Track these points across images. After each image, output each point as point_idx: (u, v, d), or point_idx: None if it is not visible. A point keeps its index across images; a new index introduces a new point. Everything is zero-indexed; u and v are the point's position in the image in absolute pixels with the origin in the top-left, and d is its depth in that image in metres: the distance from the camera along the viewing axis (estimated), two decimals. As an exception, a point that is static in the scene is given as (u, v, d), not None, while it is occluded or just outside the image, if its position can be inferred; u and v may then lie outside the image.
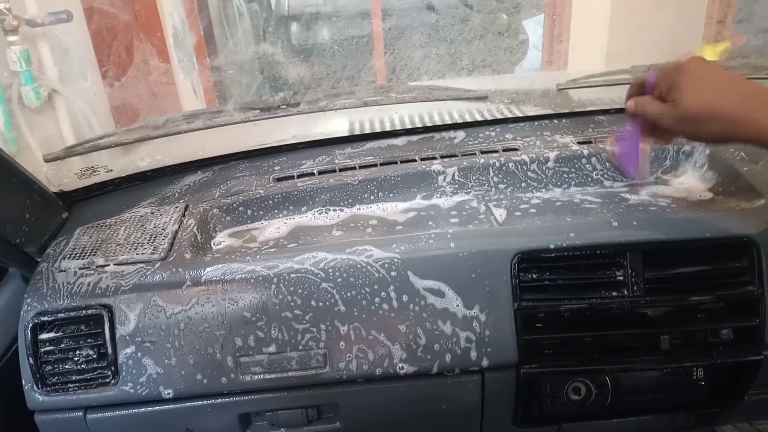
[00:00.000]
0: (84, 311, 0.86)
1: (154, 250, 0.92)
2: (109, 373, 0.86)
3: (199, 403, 0.88)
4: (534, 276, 0.88)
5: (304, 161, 1.13)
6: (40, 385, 0.87)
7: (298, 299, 0.86)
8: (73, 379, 0.87)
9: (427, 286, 0.87)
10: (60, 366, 0.87)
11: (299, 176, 1.08)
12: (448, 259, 0.87)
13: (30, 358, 0.86)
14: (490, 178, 1.05)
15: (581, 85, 1.26)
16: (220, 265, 0.87)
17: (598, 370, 0.90)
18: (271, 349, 0.86)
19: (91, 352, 0.86)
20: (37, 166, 1.04)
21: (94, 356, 0.86)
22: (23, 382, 0.87)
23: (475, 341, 0.87)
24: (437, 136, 1.18)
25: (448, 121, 1.20)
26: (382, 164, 1.08)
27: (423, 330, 0.86)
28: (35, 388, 0.87)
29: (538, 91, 1.28)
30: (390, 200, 1.05)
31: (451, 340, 0.86)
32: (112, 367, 0.86)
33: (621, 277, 0.88)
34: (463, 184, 1.05)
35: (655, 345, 0.89)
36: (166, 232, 0.96)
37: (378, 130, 1.20)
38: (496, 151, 1.09)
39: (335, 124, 1.22)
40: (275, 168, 1.13)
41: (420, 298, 0.86)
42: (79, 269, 0.90)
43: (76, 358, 0.86)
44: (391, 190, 1.05)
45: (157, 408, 0.88)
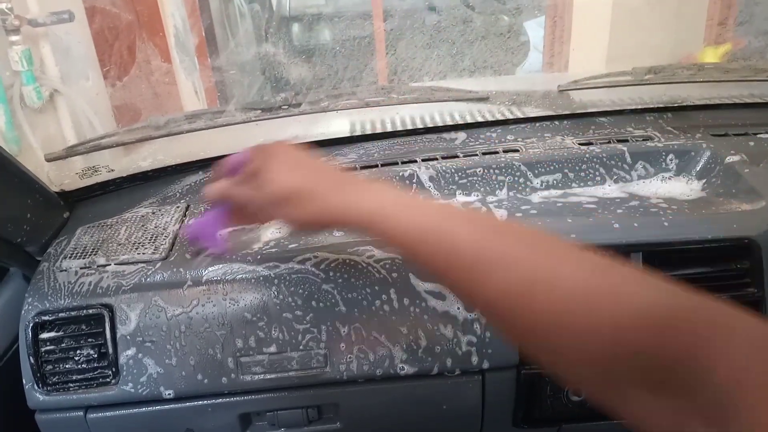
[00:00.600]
0: (85, 311, 0.86)
1: (155, 250, 0.92)
2: (110, 372, 0.86)
3: (200, 403, 0.88)
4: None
5: (305, 162, 1.13)
6: (40, 385, 0.87)
7: (299, 299, 0.86)
8: (74, 378, 0.87)
9: (428, 288, 0.87)
10: (61, 365, 0.87)
11: (300, 177, 1.08)
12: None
13: (31, 358, 0.86)
14: (491, 179, 1.05)
15: (582, 87, 1.26)
16: (221, 265, 0.87)
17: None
18: (272, 349, 0.86)
19: (91, 352, 0.86)
20: (38, 166, 1.04)
21: (95, 356, 0.86)
22: (24, 381, 0.87)
23: (476, 343, 0.87)
24: (438, 136, 1.18)
25: (450, 122, 1.20)
26: (383, 165, 1.08)
27: (424, 331, 0.86)
28: (36, 388, 0.87)
29: (540, 92, 1.28)
30: (391, 201, 1.05)
31: (452, 342, 0.86)
32: (113, 367, 0.86)
33: (622, 279, 0.88)
34: (463, 185, 1.05)
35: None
36: (168, 232, 0.96)
37: (379, 130, 1.20)
38: (497, 152, 1.09)
39: (336, 125, 1.23)
40: (276, 168, 1.12)
41: (421, 300, 0.86)
42: (80, 269, 0.90)
43: (76, 358, 0.86)
44: (392, 190, 1.05)
45: (158, 408, 0.88)
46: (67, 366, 0.87)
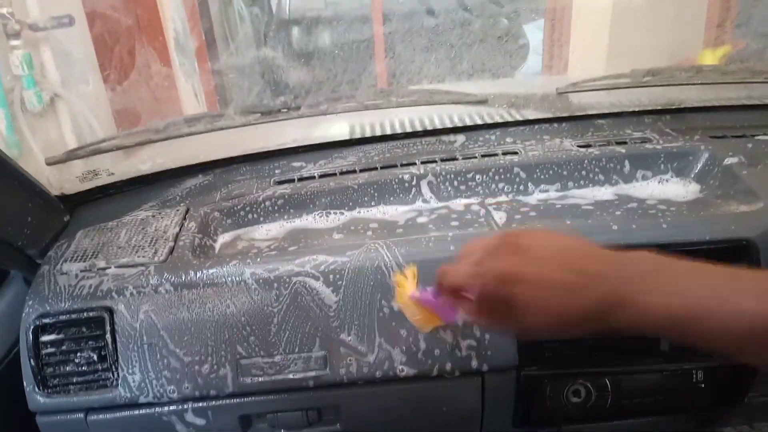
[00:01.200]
0: (85, 313, 0.87)
1: (155, 253, 0.92)
2: (111, 375, 0.86)
3: (200, 405, 0.88)
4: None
5: (304, 164, 1.14)
6: (41, 387, 0.87)
7: (299, 302, 0.86)
8: (75, 380, 0.87)
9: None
10: (61, 368, 0.87)
11: (300, 179, 1.08)
12: (448, 261, 0.87)
13: (31, 360, 0.86)
14: (490, 182, 1.05)
15: (581, 89, 1.26)
16: (221, 268, 0.88)
17: (598, 372, 0.90)
18: (272, 351, 0.86)
19: (92, 354, 0.86)
20: (39, 170, 1.04)
21: (96, 358, 0.86)
22: (25, 383, 0.87)
23: (476, 344, 0.87)
24: (437, 139, 1.18)
25: (449, 125, 1.21)
26: (382, 168, 1.09)
27: (423, 333, 0.87)
28: (36, 390, 0.87)
29: (538, 94, 1.28)
30: (390, 203, 1.05)
31: (452, 344, 0.87)
32: (114, 369, 0.86)
33: (620, 280, 0.88)
34: (463, 188, 1.05)
35: (655, 347, 0.89)
36: (167, 235, 0.96)
37: (378, 133, 1.20)
38: (496, 155, 1.09)
39: (336, 128, 1.23)
40: (276, 171, 1.13)
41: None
42: (81, 272, 0.90)
43: (77, 360, 0.87)
44: (392, 193, 1.05)
45: (159, 410, 0.88)
46: (68, 368, 0.87)
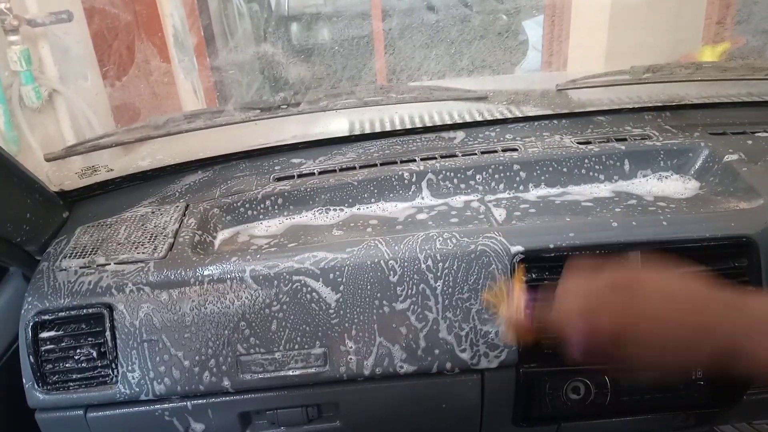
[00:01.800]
0: (85, 310, 0.86)
1: (154, 250, 0.92)
2: (110, 371, 0.86)
3: (200, 401, 0.88)
4: (534, 276, 0.88)
5: (304, 161, 1.13)
6: (40, 384, 0.87)
7: (299, 298, 0.86)
8: (74, 377, 0.87)
9: (428, 285, 0.87)
10: (60, 365, 0.87)
11: (299, 176, 1.08)
12: (448, 258, 0.87)
13: (30, 357, 0.86)
14: (490, 179, 1.05)
15: (581, 86, 1.26)
16: (221, 265, 0.87)
17: (598, 369, 0.90)
18: (272, 348, 0.86)
19: (91, 351, 0.86)
20: (37, 166, 1.04)
21: (95, 355, 0.86)
22: (24, 380, 0.87)
23: (475, 341, 0.87)
24: (437, 136, 1.18)
25: (448, 122, 1.21)
26: (382, 164, 1.08)
27: (423, 329, 0.87)
28: (36, 387, 0.87)
29: (538, 91, 1.28)
30: (390, 200, 1.05)
31: (451, 341, 0.87)
32: (113, 366, 0.86)
33: (620, 277, 0.88)
34: (462, 184, 1.05)
35: (654, 345, 0.89)
36: (167, 231, 0.96)
37: (378, 130, 1.20)
38: (495, 151, 1.09)
39: (335, 124, 1.23)
40: (275, 168, 1.13)
41: (420, 297, 0.87)
42: (80, 268, 0.90)
43: (76, 357, 0.87)
44: (391, 189, 1.05)
45: (158, 407, 0.88)
46: (67, 365, 0.87)
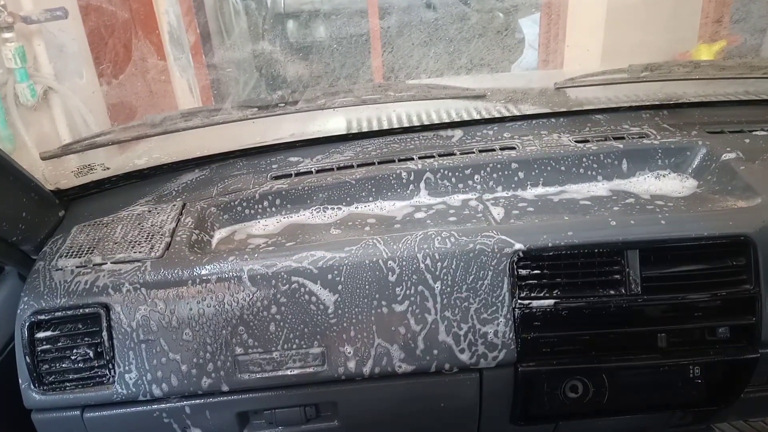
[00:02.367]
0: (81, 310, 0.86)
1: (151, 249, 0.91)
2: (107, 371, 0.86)
3: (197, 401, 0.88)
4: (532, 274, 0.88)
5: (301, 159, 1.13)
6: (36, 384, 0.86)
7: (297, 298, 0.86)
8: (71, 377, 0.86)
9: (426, 284, 0.87)
10: (57, 365, 0.86)
11: (297, 174, 1.08)
12: (446, 257, 0.87)
13: (27, 357, 0.86)
14: (488, 177, 1.05)
15: (579, 84, 1.26)
16: (218, 264, 0.87)
17: (596, 368, 0.90)
18: (270, 347, 0.86)
19: (88, 351, 0.86)
20: (33, 164, 1.03)
21: (92, 355, 0.86)
22: (20, 380, 0.87)
23: (474, 340, 0.87)
24: (435, 134, 1.18)
25: (446, 120, 1.20)
26: (380, 163, 1.08)
27: (421, 328, 0.86)
28: (32, 387, 0.86)
29: (536, 89, 1.28)
30: (388, 198, 1.05)
31: (450, 340, 0.87)
32: (110, 366, 0.86)
33: (618, 276, 0.88)
34: (460, 183, 1.05)
35: (653, 343, 0.89)
36: (164, 230, 0.96)
37: (376, 128, 1.20)
38: (493, 150, 1.09)
39: (333, 123, 1.22)
40: (273, 166, 1.12)
41: (418, 296, 0.86)
42: (76, 267, 0.90)
43: (73, 357, 0.86)
44: (389, 188, 1.05)
45: (155, 407, 0.88)
46: (64, 365, 0.86)
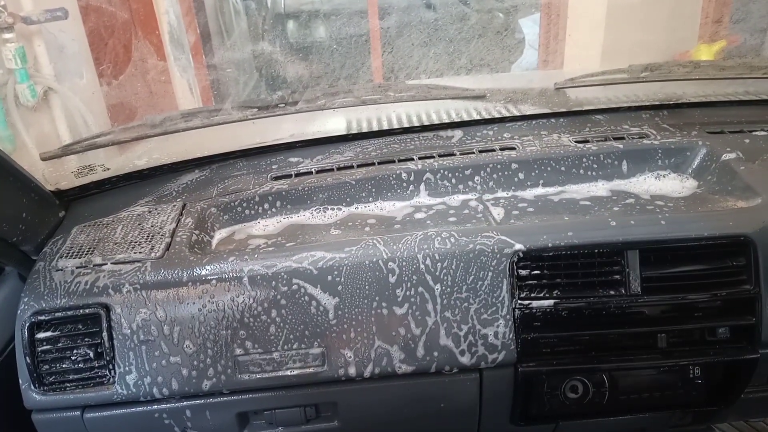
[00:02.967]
0: (81, 310, 0.86)
1: (151, 249, 0.91)
2: (107, 372, 0.86)
3: (197, 402, 0.88)
4: (532, 275, 0.88)
5: (301, 160, 1.13)
6: (37, 385, 0.86)
7: (297, 298, 0.86)
8: (71, 378, 0.86)
9: (426, 284, 0.87)
10: (57, 365, 0.86)
11: (297, 175, 1.08)
12: (446, 257, 0.87)
13: (27, 358, 0.86)
14: (488, 177, 1.05)
15: (579, 84, 1.26)
16: (218, 264, 0.87)
17: (596, 368, 0.90)
18: (270, 348, 0.86)
19: (88, 351, 0.86)
20: (33, 165, 1.03)
21: (92, 355, 0.86)
22: (20, 381, 0.87)
23: (474, 340, 0.87)
24: (435, 135, 1.18)
25: (446, 120, 1.20)
26: (380, 163, 1.08)
27: (421, 329, 0.86)
28: (32, 388, 0.86)
29: (536, 90, 1.28)
30: (388, 199, 1.05)
31: (450, 340, 0.87)
32: (110, 367, 0.86)
33: (618, 276, 0.88)
34: (460, 183, 1.05)
35: (653, 343, 0.89)
36: (164, 230, 0.96)
37: (376, 128, 1.20)
38: (493, 150, 1.09)
39: (333, 123, 1.22)
40: (273, 167, 1.12)
41: (418, 297, 0.86)
42: (77, 268, 0.90)
43: (73, 357, 0.86)
44: (389, 188, 1.05)
45: (155, 407, 0.88)
46: (64, 366, 0.86)
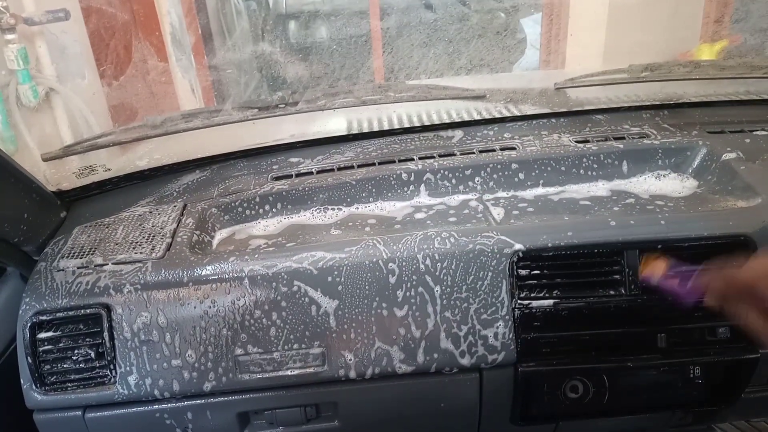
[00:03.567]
0: (82, 310, 0.86)
1: (152, 250, 0.92)
2: (108, 372, 0.86)
3: (198, 402, 0.88)
4: (532, 275, 0.88)
5: (302, 160, 1.13)
6: (38, 385, 0.87)
7: (297, 298, 0.86)
8: (72, 378, 0.87)
9: (426, 285, 0.87)
10: (59, 365, 0.87)
11: (297, 175, 1.08)
12: (446, 258, 0.87)
13: (28, 358, 0.86)
14: (488, 178, 1.05)
15: (579, 84, 1.26)
16: (219, 265, 0.87)
17: (596, 368, 0.90)
18: (270, 348, 0.86)
19: (89, 352, 0.86)
20: (35, 165, 1.04)
21: (93, 355, 0.86)
22: (22, 381, 0.87)
23: (473, 340, 0.87)
24: (435, 135, 1.18)
25: (447, 120, 1.21)
26: (380, 163, 1.08)
27: (421, 329, 0.87)
28: (34, 387, 0.87)
29: (536, 90, 1.28)
30: (388, 199, 1.05)
31: (450, 339, 0.87)
32: (111, 366, 0.86)
33: (618, 276, 0.88)
34: (460, 184, 1.05)
35: (653, 343, 0.89)
36: (165, 231, 0.96)
37: (376, 129, 1.20)
38: (494, 150, 1.09)
39: (333, 123, 1.23)
40: (273, 167, 1.13)
41: (418, 297, 0.87)
42: (78, 268, 0.90)
43: (74, 358, 0.86)
44: (390, 189, 1.05)
45: (156, 407, 0.88)
46: (65, 366, 0.87)
